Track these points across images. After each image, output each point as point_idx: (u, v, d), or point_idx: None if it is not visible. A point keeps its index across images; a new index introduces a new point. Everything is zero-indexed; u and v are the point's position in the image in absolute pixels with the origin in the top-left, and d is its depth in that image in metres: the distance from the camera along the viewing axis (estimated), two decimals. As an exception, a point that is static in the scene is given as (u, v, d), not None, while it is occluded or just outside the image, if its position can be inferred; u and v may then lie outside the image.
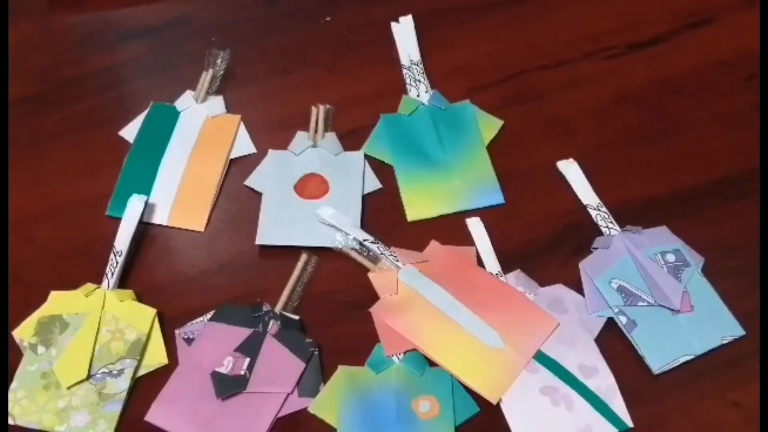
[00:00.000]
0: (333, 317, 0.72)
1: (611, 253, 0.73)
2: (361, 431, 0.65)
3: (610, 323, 0.71)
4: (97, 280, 0.73)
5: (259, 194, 0.80)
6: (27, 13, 0.97)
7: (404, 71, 0.89)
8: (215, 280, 0.75)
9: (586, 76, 0.89)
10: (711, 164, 0.81)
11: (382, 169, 0.82)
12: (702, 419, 0.66)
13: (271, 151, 0.83)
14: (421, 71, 0.88)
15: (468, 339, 0.69)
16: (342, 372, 0.68)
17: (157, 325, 0.71)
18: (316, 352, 0.69)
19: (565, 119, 0.85)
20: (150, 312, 0.71)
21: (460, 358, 0.69)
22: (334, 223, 0.76)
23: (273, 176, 0.81)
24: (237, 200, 0.81)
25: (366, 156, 0.82)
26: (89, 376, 0.68)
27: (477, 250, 0.75)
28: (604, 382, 0.67)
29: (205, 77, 0.88)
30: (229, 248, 0.77)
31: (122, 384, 0.68)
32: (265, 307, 0.72)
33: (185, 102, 0.87)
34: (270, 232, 0.77)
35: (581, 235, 0.76)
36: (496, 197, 0.79)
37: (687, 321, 0.70)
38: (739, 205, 0.78)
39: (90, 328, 0.70)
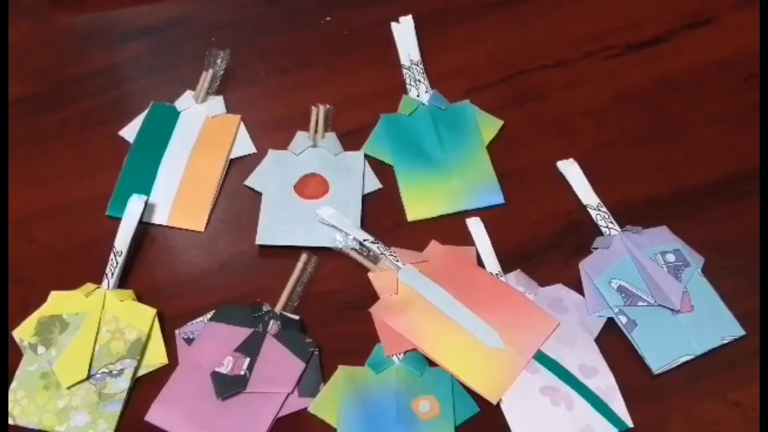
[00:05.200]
0: (333, 317, 0.72)
1: (611, 253, 0.73)
2: (361, 431, 0.65)
3: (610, 323, 0.71)
4: (97, 280, 0.73)
5: (259, 194, 0.80)
6: (27, 13, 0.98)
7: (404, 71, 0.89)
8: (215, 280, 0.75)
9: (586, 76, 0.89)
10: (711, 164, 0.81)
11: (382, 169, 0.82)
12: (702, 419, 0.66)
13: (271, 151, 0.83)
14: (421, 71, 0.88)
15: (468, 339, 0.69)
16: (342, 372, 0.68)
17: (157, 325, 0.71)
18: (316, 352, 0.69)
19: (565, 119, 0.85)
20: (150, 312, 0.71)
21: (460, 358, 0.69)
22: (334, 223, 0.76)
23: (273, 176, 0.81)
24: (237, 200, 0.81)
25: (366, 156, 0.82)
26: (89, 376, 0.68)
27: (477, 250, 0.75)
28: (604, 382, 0.67)
29: (205, 77, 0.88)
30: (229, 248, 0.77)
31: (122, 384, 0.68)
32: (265, 307, 0.72)
33: (185, 102, 0.87)
34: (270, 232, 0.77)
35: (581, 235, 0.76)
36: (496, 197, 0.79)
37: (687, 321, 0.70)
38: (739, 205, 0.78)
39: (90, 328, 0.70)
